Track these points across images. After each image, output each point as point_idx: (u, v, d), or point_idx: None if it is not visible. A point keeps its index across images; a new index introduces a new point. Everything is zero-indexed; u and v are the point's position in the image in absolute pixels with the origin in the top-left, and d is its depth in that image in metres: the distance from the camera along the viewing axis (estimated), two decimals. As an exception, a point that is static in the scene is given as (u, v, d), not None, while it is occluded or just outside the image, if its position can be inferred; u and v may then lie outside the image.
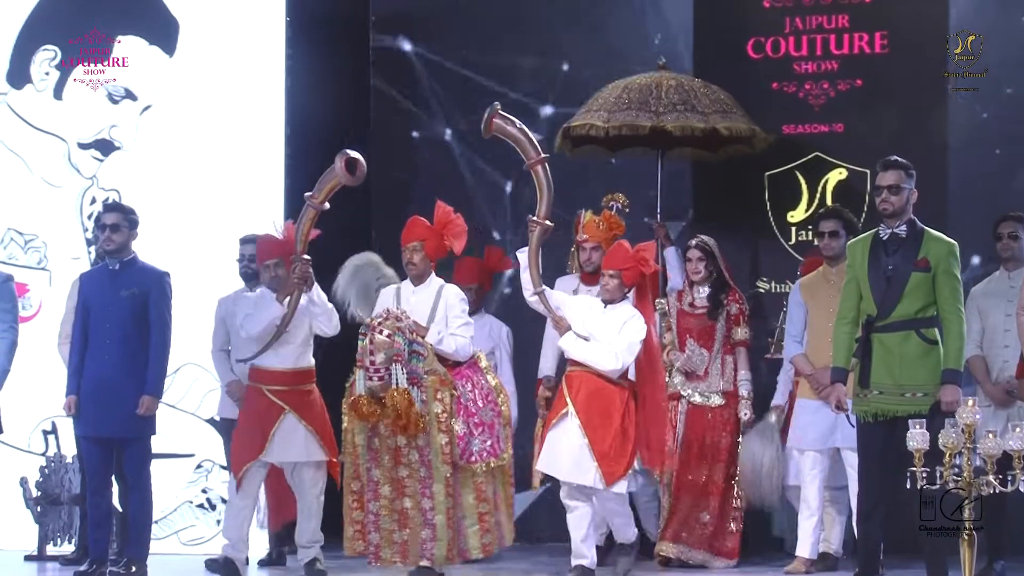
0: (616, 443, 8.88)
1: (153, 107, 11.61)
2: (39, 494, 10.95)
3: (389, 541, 8.94)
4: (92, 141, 11.68)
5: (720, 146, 10.84)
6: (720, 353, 10.08)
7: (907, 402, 8.23)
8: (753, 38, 11.23)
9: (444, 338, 9.04)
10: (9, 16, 11.76)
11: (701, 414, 10.08)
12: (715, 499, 10.01)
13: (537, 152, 9.12)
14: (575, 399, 8.97)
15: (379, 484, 8.93)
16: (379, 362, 8.71)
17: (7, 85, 11.73)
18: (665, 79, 10.56)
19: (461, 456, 8.90)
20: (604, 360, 8.90)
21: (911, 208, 8.41)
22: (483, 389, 9.13)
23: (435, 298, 9.17)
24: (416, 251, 9.21)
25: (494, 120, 9.10)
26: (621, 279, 9.00)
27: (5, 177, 11.65)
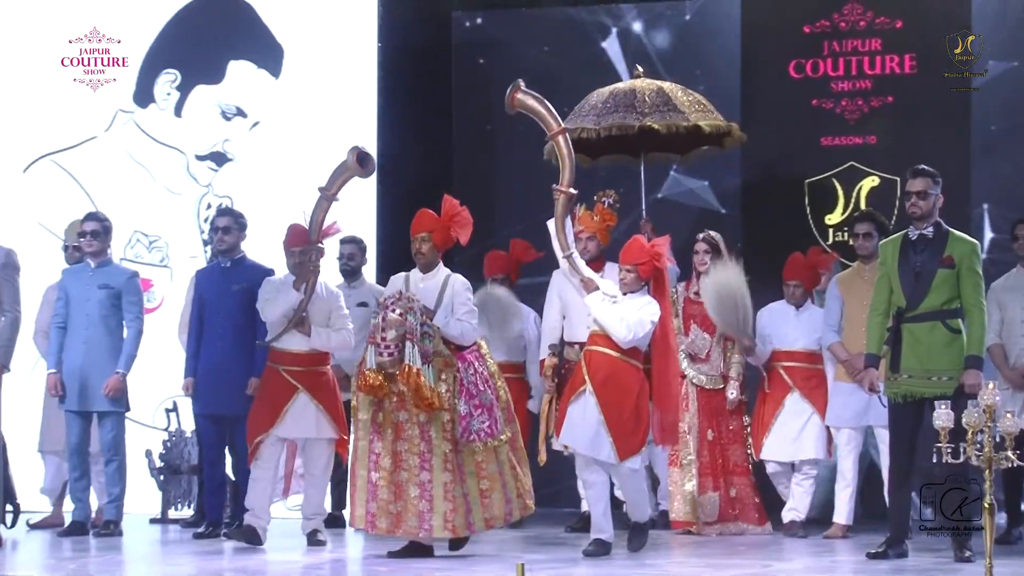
0: (631, 421, 8.63)
1: (261, 123, 11.71)
2: (162, 464, 11.03)
3: (385, 511, 8.59)
4: (208, 153, 11.78)
5: (689, 150, 10.72)
6: (722, 338, 9.95)
7: (934, 385, 8.25)
8: (794, 60, 11.21)
9: (450, 322, 8.71)
10: (136, 44, 11.87)
11: (708, 396, 9.97)
12: (741, 477, 9.93)
13: (558, 123, 8.88)
14: (593, 377, 8.70)
15: (380, 456, 8.61)
16: (390, 339, 8.43)
17: (134, 104, 11.85)
18: (645, 84, 10.36)
19: (462, 435, 8.61)
20: (617, 327, 8.60)
21: (937, 211, 8.42)
22: (483, 373, 8.80)
23: (442, 286, 8.81)
24: (424, 241, 8.82)
25: (516, 95, 8.84)
26: (637, 273, 8.74)
27: (132, 185, 11.76)
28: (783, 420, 9.81)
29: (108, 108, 11.85)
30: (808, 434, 9.77)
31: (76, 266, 10.30)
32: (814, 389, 9.80)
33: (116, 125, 11.85)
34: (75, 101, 11.85)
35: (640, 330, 8.60)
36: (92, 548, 9.58)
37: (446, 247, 8.94)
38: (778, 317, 9.95)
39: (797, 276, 9.92)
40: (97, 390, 9.90)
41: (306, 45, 11.68)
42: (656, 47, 11.80)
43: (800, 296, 9.91)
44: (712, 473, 9.90)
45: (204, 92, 11.80)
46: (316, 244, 9.10)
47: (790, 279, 9.92)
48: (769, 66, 11.30)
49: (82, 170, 11.85)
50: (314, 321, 9.17)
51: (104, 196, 11.62)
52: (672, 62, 11.61)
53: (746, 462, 9.95)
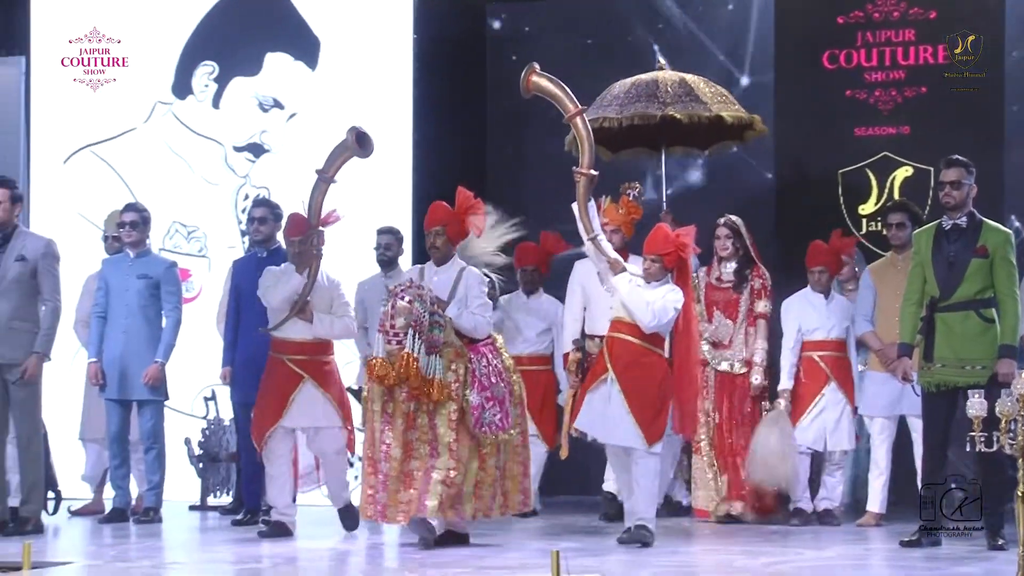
0: (654, 406, 8.47)
1: (298, 115, 11.68)
2: (201, 452, 11.04)
3: (395, 501, 8.41)
4: (245, 145, 11.77)
5: (709, 144, 10.63)
6: (744, 324, 9.87)
7: (967, 374, 8.21)
8: (828, 51, 11.14)
9: (463, 314, 8.55)
10: (174, 37, 11.87)
11: (730, 381, 9.87)
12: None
13: (575, 105, 8.66)
14: (615, 365, 8.55)
15: (390, 447, 8.42)
16: (398, 326, 8.24)
17: (172, 96, 11.85)
18: (668, 75, 10.26)
19: (475, 425, 8.45)
20: (643, 311, 8.44)
21: (971, 201, 8.36)
22: (497, 367, 8.62)
23: (456, 279, 8.66)
24: (439, 235, 8.68)
25: (531, 78, 8.66)
26: (662, 263, 8.57)
27: (171, 176, 11.76)
28: (822, 409, 9.71)
29: (147, 100, 11.85)
30: (843, 425, 9.71)
31: (116, 256, 10.31)
32: (846, 379, 9.74)
33: (155, 117, 11.86)
34: (114, 93, 11.85)
35: (664, 316, 8.46)
36: (132, 534, 9.60)
37: (460, 239, 8.77)
38: (807, 306, 9.82)
39: (821, 262, 9.78)
40: (137, 379, 9.91)
41: (342, 37, 11.66)
42: (693, 38, 11.76)
43: (826, 282, 9.79)
44: (731, 456, 9.83)
45: (242, 84, 11.80)
46: (316, 228, 8.91)
47: (814, 265, 9.78)
48: (803, 57, 11.23)
49: (121, 161, 11.86)
50: (316, 309, 9.03)
51: (143, 187, 11.63)
52: (707, 53, 11.54)
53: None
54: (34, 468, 9.49)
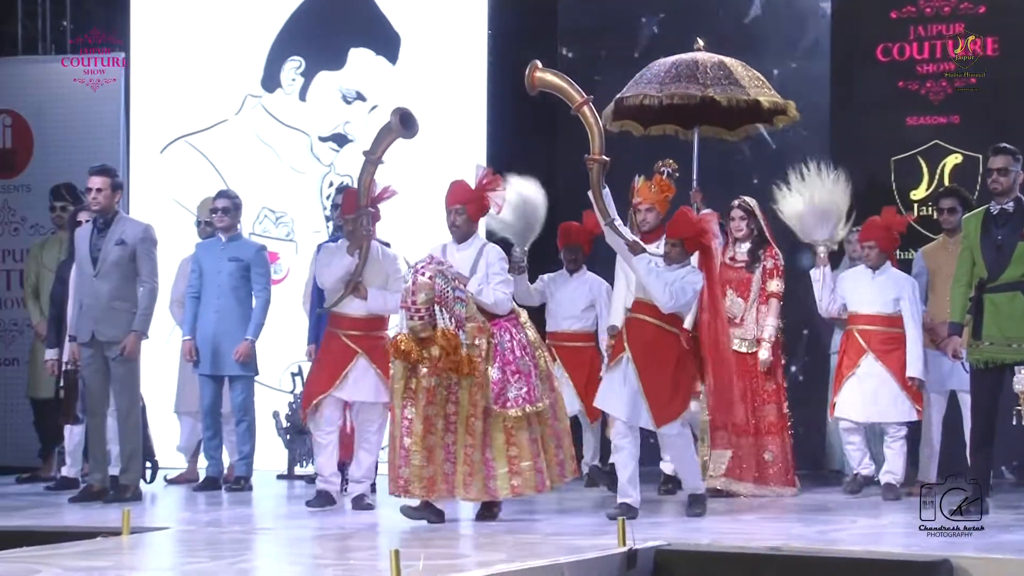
0: (668, 388, 8.23)
1: (379, 107, 11.75)
2: (288, 425, 11.13)
3: (419, 476, 8.16)
4: (330, 135, 11.86)
5: (739, 124, 10.29)
6: (755, 303, 9.63)
7: (1014, 352, 8.24)
8: (881, 44, 11.07)
9: (483, 290, 8.30)
10: (263, 32, 11.97)
11: (743, 360, 9.49)
12: (775, 438, 9.59)
13: (581, 95, 8.35)
14: (632, 345, 8.30)
15: (412, 422, 8.16)
16: (420, 302, 7.98)
17: (262, 89, 11.96)
18: (707, 57, 9.91)
19: (495, 401, 8.18)
20: (661, 292, 8.18)
21: (1018, 187, 8.36)
22: (521, 341, 8.34)
23: (476, 256, 8.41)
24: (459, 213, 8.48)
25: (535, 74, 8.39)
26: (683, 247, 8.34)
27: (260, 165, 11.88)
28: (857, 381, 9.49)
29: (238, 93, 11.97)
30: (886, 397, 9.46)
31: (208, 240, 10.43)
32: (890, 352, 9.47)
33: (245, 109, 11.97)
34: (208, 86, 11.97)
35: (682, 297, 8.22)
36: (224, 502, 9.71)
37: (480, 216, 8.63)
38: (855, 280, 9.66)
39: (871, 236, 9.58)
40: (228, 356, 10.03)
41: (421, 33, 11.72)
42: (753, 33, 11.73)
43: (876, 258, 9.56)
44: (739, 432, 9.51)
45: (327, 78, 11.88)
46: (366, 208, 8.80)
47: (864, 240, 9.63)
48: (858, 50, 11.18)
49: (214, 151, 11.98)
50: (371, 284, 8.90)
51: (234, 175, 11.74)
52: (766, 46, 11.53)
53: (781, 422, 9.61)
54: (133, 439, 9.64)
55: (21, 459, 11.49)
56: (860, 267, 9.70)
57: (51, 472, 10.83)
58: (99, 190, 9.51)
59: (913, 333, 9.42)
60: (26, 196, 12.07)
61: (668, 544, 7.47)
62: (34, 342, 11.15)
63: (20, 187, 12.13)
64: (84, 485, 9.83)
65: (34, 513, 9.09)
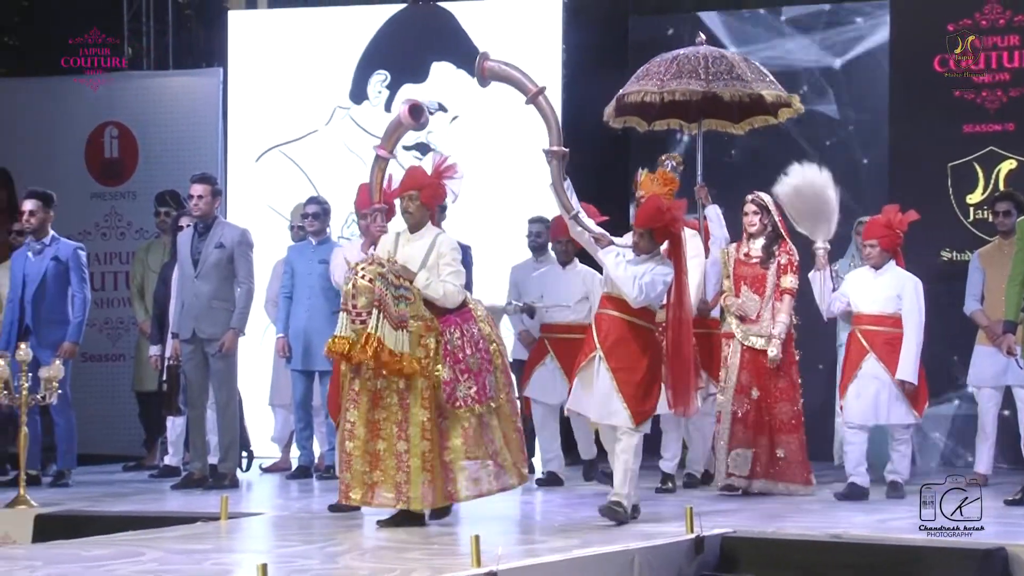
0: (643, 385, 7.56)
1: (459, 118, 11.76)
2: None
3: (360, 482, 7.50)
4: (413, 144, 11.84)
5: (743, 118, 9.67)
6: (771, 299, 9.00)
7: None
8: (939, 55, 10.95)
9: (432, 284, 7.57)
10: (351, 48, 12.00)
11: (756, 356, 8.98)
12: (788, 435, 8.98)
13: (534, 84, 7.85)
14: (603, 343, 7.62)
15: (354, 425, 7.50)
16: (360, 306, 7.35)
17: (350, 101, 11.99)
18: (709, 52, 9.36)
19: (447, 401, 7.51)
20: (628, 285, 7.52)
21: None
22: (472, 337, 7.63)
23: (429, 246, 7.67)
24: (412, 200, 7.73)
25: (486, 66, 7.91)
26: (652, 237, 7.62)
27: (348, 172, 11.89)
28: (859, 383, 8.89)
29: (327, 105, 12.00)
30: (887, 398, 8.86)
31: (300, 243, 10.48)
32: (893, 352, 8.83)
33: (334, 120, 12.00)
34: (300, 99, 12.01)
35: (652, 290, 7.57)
36: (315, 489, 9.74)
37: (436, 204, 7.92)
38: (858, 280, 9.08)
39: (873, 235, 8.97)
40: (319, 352, 10.00)
41: (499, 47, 11.59)
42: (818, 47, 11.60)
43: (878, 257, 8.93)
44: (750, 430, 8.97)
45: (410, 90, 11.88)
46: (379, 205, 8.31)
47: (867, 239, 9.03)
48: (916, 61, 11.06)
49: (305, 159, 12.02)
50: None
51: (324, 182, 11.77)
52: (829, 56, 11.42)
53: (795, 420, 9.01)
54: (230, 430, 9.70)
55: (127, 448, 11.60)
56: (864, 267, 9.18)
57: (155, 461, 10.91)
58: (200, 196, 9.58)
59: (910, 333, 8.84)
60: (132, 203, 12.17)
61: (734, 531, 7.43)
62: (139, 339, 11.24)
63: (127, 194, 12.25)
64: (185, 473, 9.91)
65: (139, 499, 9.17)
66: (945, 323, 9.95)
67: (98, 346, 11.97)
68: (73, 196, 11.72)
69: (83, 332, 9.85)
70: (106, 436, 11.74)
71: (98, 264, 11.98)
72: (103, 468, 10.99)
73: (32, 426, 9.26)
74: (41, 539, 7.94)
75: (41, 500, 8.74)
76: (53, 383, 8.90)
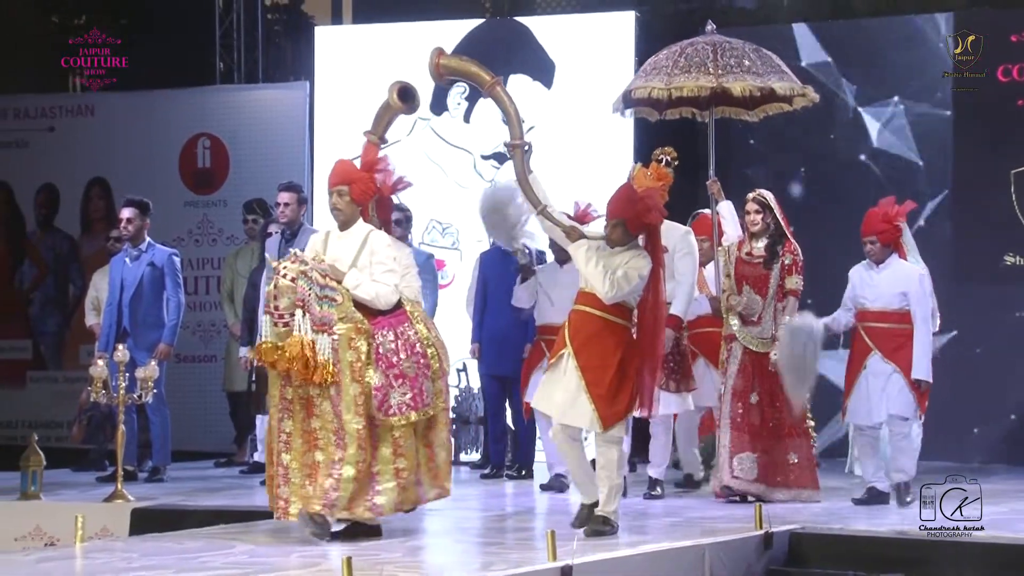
0: (613, 386, 6.85)
1: (535, 128, 11.72)
2: (454, 416, 11.11)
3: (300, 496, 6.78)
4: (491, 154, 11.85)
5: (757, 105, 9.06)
6: (774, 301, 8.45)
7: None
8: (1002, 65, 10.81)
9: (363, 284, 6.84)
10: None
11: (759, 359, 8.43)
12: (797, 440, 8.45)
13: (491, 76, 7.31)
14: (574, 339, 6.94)
15: (291, 436, 6.78)
16: (283, 307, 6.65)
17: (430, 113, 12.00)
18: (718, 42, 8.73)
19: (379, 408, 6.75)
20: (598, 280, 6.85)
21: None
22: (407, 340, 6.89)
23: (360, 244, 6.97)
24: (341, 195, 6.99)
25: (440, 62, 7.37)
26: (626, 227, 6.92)
27: (429, 181, 11.91)
28: (863, 382, 8.32)
29: (409, 116, 11.95)
30: (890, 392, 8.24)
31: (383, 249, 10.48)
32: (897, 349, 8.25)
33: (416, 131, 12.00)
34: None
35: (626, 284, 6.85)
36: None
37: (366, 200, 7.12)
38: (861, 276, 8.44)
39: (872, 231, 8.35)
40: (400, 353, 10.06)
41: (574, 60, 11.68)
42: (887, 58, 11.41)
43: (879, 252, 8.34)
44: (752, 434, 8.39)
45: (488, 102, 11.81)
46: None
47: (865, 236, 8.38)
48: (980, 71, 10.89)
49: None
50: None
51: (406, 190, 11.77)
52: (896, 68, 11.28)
53: (800, 424, 8.46)
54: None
55: (218, 446, 11.67)
56: (866, 262, 8.48)
57: (244, 457, 10.96)
58: (286, 204, 9.62)
59: (920, 329, 8.26)
60: (222, 210, 12.27)
61: (802, 527, 7.36)
62: (229, 341, 11.31)
63: (218, 202, 12.35)
64: (273, 469, 9.93)
65: (229, 494, 9.22)
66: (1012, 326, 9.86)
67: (191, 348, 12.07)
68: (168, 204, 11.82)
69: (177, 334, 9.92)
70: (199, 434, 11.84)
71: (191, 269, 12.08)
72: (196, 464, 11.07)
73: (129, 424, 9.34)
74: (137, 532, 8.01)
75: (137, 495, 8.82)
76: (149, 383, 8.97)
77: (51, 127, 12.75)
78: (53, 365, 12.85)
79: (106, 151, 12.51)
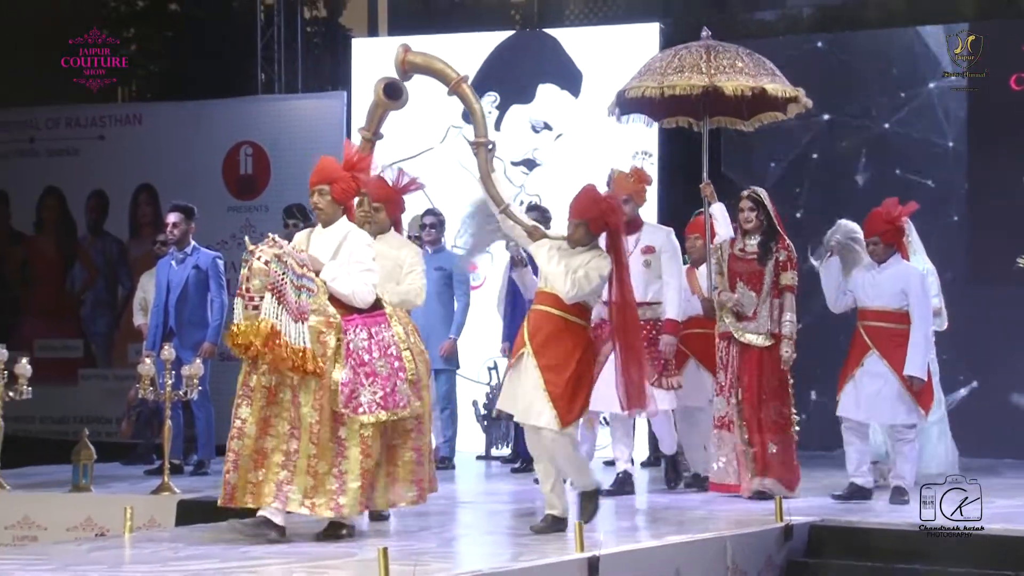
0: (571, 386, 6.69)
1: (563, 135, 11.78)
2: (485, 412, 11.21)
3: (244, 481, 6.50)
4: (521, 160, 11.91)
5: (752, 114, 8.99)
6: (769, 297, 8.27)
7: None
8: (1016, 74, 10.79)
9: (339, 278, 6.60)
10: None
11: (753, 354, 8.27)
12: (776, 434, 8.26)
13: (456, 73, 7.17)
14: (533, 339, 6.78)
15: (244, 423, 6.48)
16: (254, 289, 6.38)
17: (462, 121, 12.01)
18: (711, 45, 8.64)
19: (345, 405, 6.47)
20: (559, 280, 6.72)
21: None
22: (382, 340, 6.65)
23: (340, 240, 6.75)
24: (323, 194, 6.79)
25: (406, 58, 7.20)
26: (588, 228, 6.79)
27: (461, 186, 11.95)
28: (859, 379, 8.16)
29: (442, 124, 12.06)
30: (887, 397, 8.12)
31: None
32: (896, 349, 8.09)
33: (448, 138, 12.06)
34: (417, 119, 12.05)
35: (587, 285, 6.71)
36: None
37: (348, 198, 6.93)
38: (863, 275, 8.30)
39: (874, 231, 8.21)
40: (434, 352, 10.04)
41: (600, 70, 11.70)
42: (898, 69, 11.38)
43: (881, 252, 8.19)
44: (749, 428, 8.27)
45: (518, 110, 11.94)
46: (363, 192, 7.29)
47: (868, 236, 8.24)
48: (992, 79, 10.89)
49: (422, 174, 11.95)
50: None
51: (439, 195, 11.83)
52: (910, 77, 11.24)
53: (783, 421, 8.30)
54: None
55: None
56: (868, 261, 8.33)
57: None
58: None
59: (917, 329, 8.12)
60: (264, 215, 12.36)
61: (822, 520, 7.37)
62: (270, 340, 11.36)
63: (259, 207, 12.44)
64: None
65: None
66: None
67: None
68: (212, 209, 11.90)
69: (221, 334, 9.99)
70: (241, 429, 11.91)
71: (234, 272, 12.09)
72: (239, 458, 11.12)
73: (175, 420, 9.43)
74: (183, 523, 8.10)
75: (183, 487, 8.90)
76: (194, 380, 9.04)
77: (101, 135, 12.88)
78: (103, 363, 12.99)
79: (153, 159, 12.62)
